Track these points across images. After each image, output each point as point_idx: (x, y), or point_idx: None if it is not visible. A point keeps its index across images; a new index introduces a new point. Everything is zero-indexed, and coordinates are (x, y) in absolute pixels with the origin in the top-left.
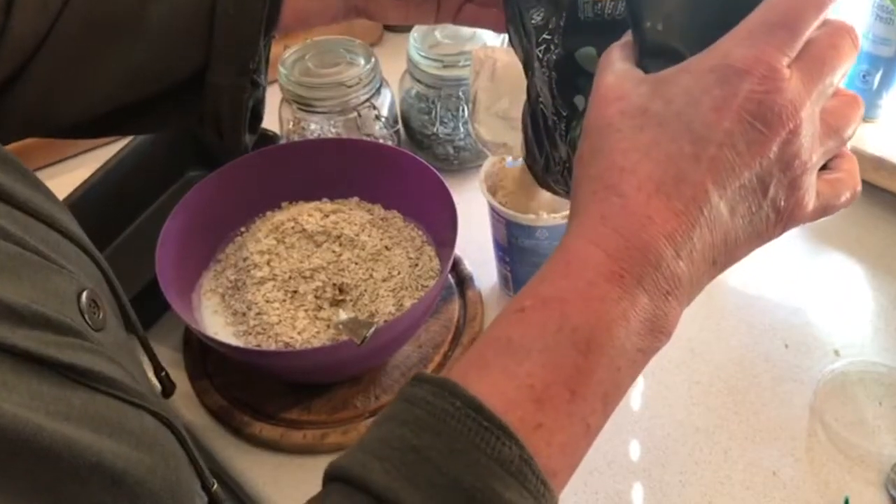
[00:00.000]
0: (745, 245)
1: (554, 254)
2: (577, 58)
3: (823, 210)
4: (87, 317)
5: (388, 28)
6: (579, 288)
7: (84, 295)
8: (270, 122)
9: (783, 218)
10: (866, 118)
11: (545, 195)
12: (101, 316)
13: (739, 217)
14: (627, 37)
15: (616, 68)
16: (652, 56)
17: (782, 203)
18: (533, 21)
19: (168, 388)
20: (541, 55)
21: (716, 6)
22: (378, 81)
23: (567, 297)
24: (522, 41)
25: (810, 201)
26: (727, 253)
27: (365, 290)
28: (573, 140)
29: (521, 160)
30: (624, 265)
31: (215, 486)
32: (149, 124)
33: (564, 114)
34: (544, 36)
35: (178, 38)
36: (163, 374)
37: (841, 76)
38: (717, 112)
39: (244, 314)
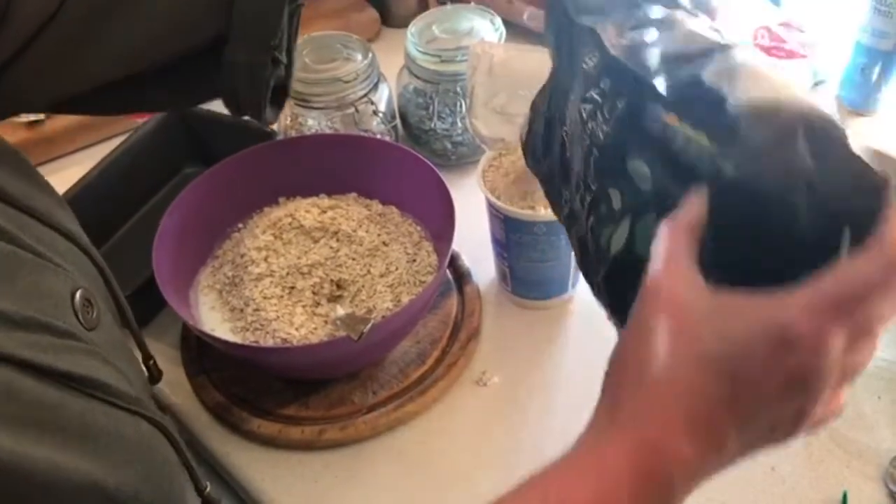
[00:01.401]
0: (739, 461)
1: (579, 455)
2: (626, 163)
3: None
4: (80, 316)
5: (386, 23)
6: (602, 500)
7: (78, 294)
8: None
9: (774, 442)
10: (864, 111)
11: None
12: (94, 315)
13: (744, 447)
14: (693, 211)
15: (677, 266)
16: (716, 266)
17: (780, 436)
18: (585, 64)
19: (155, 375)
20: (584, 114)
21: (782, 242)
22: (375, 77)
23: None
24: (563, 60)
25: (802, 430)
26: (724, 469)
27: (362, 286)
28: (595, 232)
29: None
30: (641, 489)
31: (208, 488)
32: (162, 99)
33: (594, 187)
34: (594, 94)
35: (194, 8)
36: (151, 362)
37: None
38: (765, 373)
39: (242, 310)
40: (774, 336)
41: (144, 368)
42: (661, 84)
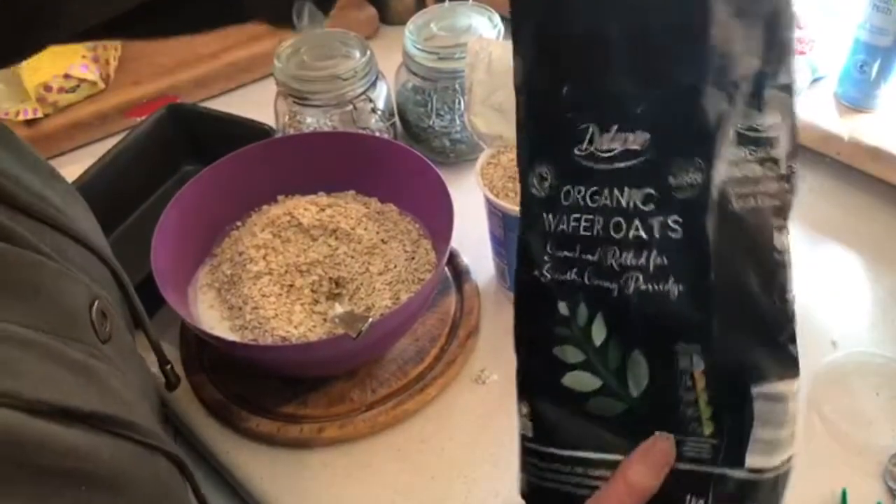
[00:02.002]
0: None
1: None
2: (631, 348)
3: None
4: (97, 330)
5: (384, 21)
6: None
7: (95, 305)
8: (266, 115)
9: None
10: (863, 108)
11: None
12: (108, 327)
13: None
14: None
15: None
16: None
17: None
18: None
19: (172, 381)
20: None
21: None
22: (374, 74)
23: None
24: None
25: None
26: None
27: (361, 284)
28: (554, 332)
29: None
30: None
31: None
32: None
33: (587, 283)
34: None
35: None
36: (168, 367)
37: None
38: None
39: (240, 309)
40: None
41: (161, 374)
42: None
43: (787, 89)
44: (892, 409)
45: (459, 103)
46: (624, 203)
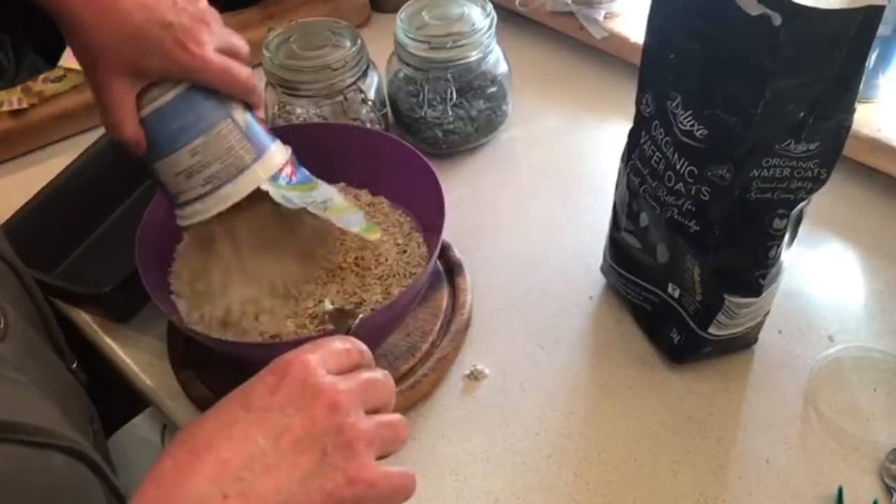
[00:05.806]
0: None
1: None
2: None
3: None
4: None
5: (376, 8)
6: None
7: None
8: None
9: (349, 473)
10: (863, 99)
11: None
12: (2, 325)
13: (300, 467)
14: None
15: None
16: None
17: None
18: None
19: (82, 379)
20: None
21: None
22: (365, 64)
23: None
24: None
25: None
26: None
27: (352, 279)
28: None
29: None
30: None
31: None
32: None
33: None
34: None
35: None
36: (73, 366)
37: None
38: (277, 386)
39: None
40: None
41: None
42: None
43: (835, 126)
44: (890, 405)
45: (451, 94)
46: (677, 166)
